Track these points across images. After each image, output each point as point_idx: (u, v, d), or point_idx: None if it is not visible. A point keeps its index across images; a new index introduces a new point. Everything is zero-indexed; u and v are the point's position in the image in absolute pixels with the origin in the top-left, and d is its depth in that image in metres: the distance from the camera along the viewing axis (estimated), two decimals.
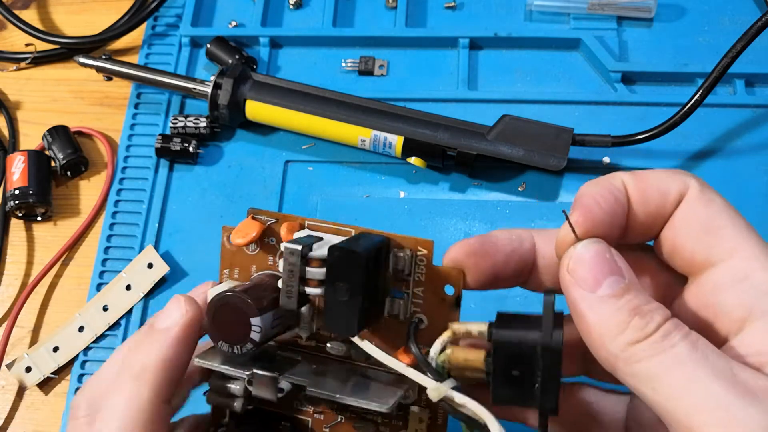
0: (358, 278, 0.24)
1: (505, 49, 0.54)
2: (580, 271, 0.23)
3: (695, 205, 0.24)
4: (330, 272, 0.25)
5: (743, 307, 0.23)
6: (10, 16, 0.58)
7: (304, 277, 0.25)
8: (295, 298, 0.25)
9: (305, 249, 0.25)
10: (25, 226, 0.52)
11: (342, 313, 0.25)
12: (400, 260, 0.29)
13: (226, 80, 0.50)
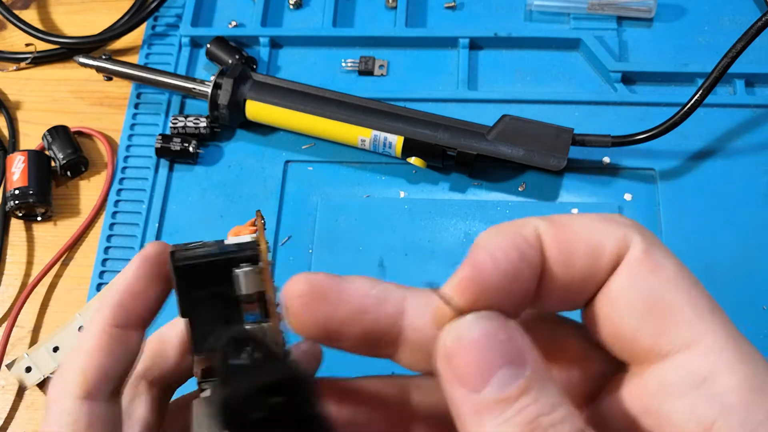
0: (179, 294, 0.22)
1: (505, 49, 0.54)
2: (460, 361, 0.17)
3: (639, 272, 0.18)
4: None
5: (699, 424, 0.17)
6: (10, 16, 0.58)
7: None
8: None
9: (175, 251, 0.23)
10: (25, 226, 0.52)
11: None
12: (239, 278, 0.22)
13: (226, 80, 0.50)
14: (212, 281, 0.22)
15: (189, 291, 0.22)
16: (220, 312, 0.22)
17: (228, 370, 0.19)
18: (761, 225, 0.47)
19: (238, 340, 0.20)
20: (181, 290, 0.22)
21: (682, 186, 0.48)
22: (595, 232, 0.19)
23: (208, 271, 0.22)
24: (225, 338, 0.20)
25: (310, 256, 0.48)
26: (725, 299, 0.46)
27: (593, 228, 0.19)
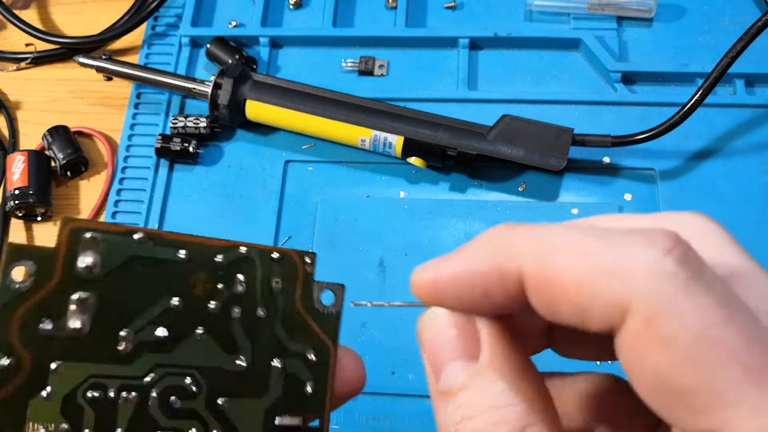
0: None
1: (505, 49, 0.54)
2: (424, 350, 0.18)
3: (637, 349, 0.15)
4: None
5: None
6: (10, 16, 0.58)
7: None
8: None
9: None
10: (25, 226, 0.52)
11: None
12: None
13: (226, 80, 0.50)
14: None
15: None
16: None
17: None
18: (761, 225, 0.47)
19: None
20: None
21: (682, 186, 0.48)
22: (585, 292, 0.15)
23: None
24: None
25: None
26: None
27: (586, 285, 0.15)
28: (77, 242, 0.20)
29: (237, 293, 0.22)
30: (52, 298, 0.19)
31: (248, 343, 0.22)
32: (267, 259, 0.22)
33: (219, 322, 0.22)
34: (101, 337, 0.20)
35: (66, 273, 0.20)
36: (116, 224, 0.21)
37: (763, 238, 0.46)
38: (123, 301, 0.20)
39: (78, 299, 0.20)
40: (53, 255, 0.20)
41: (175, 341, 0.21)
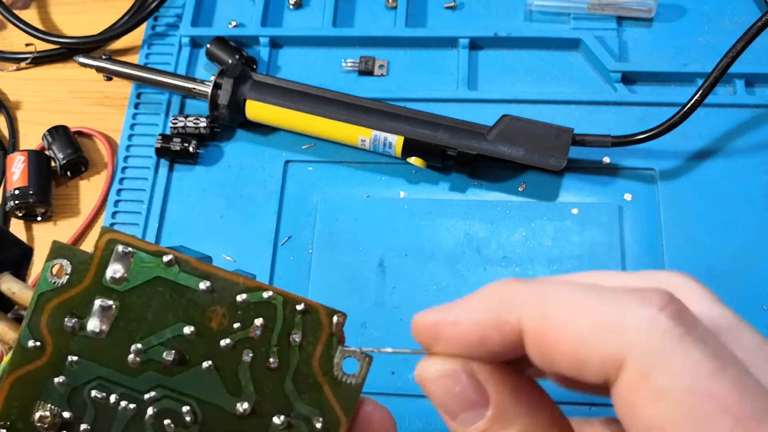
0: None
1: (505, 49, 0.54)
2: (436, 395, 0.19)
3: (631, 401, 0.15)
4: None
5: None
6: (10, 16, 0.58)
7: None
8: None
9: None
10: (25, 226, 0.52)
11: None
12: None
13: (226, 80, 0.50)
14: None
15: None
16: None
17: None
18: (761, 225, 0.47)
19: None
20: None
21: (682, 186, 0.48)
22: (583, 346, 0.16)
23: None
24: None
25: (310, 256, 0.48)
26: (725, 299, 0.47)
27: (583, 339, 0.16)
28: (110, 252, 0.22)
29: (252, 337, 0.22)
30: (80, 298, 0.21)
31: (252, 389, 0.22)
32: (291, 309, 0.22)
33: (228, 360, 0.22)
34: (114, 345, 0.21)
35: (95, 279, 0.21)
36: (149, 243, 0.22)
37: (763, 238, 0.46)
38: (140, 317, 0.21)
39: (101, 305, 0.21)
40: (88, 260, 0.21)
41: (181, 367, 0.21)
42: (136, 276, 0.21)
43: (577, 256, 0.46)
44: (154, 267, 0.22)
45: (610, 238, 0.47)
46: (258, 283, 0.22)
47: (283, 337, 0.22)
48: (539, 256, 0.47)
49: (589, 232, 0.47)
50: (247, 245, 0.49)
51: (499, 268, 0.46)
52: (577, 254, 0.46)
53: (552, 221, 0.48)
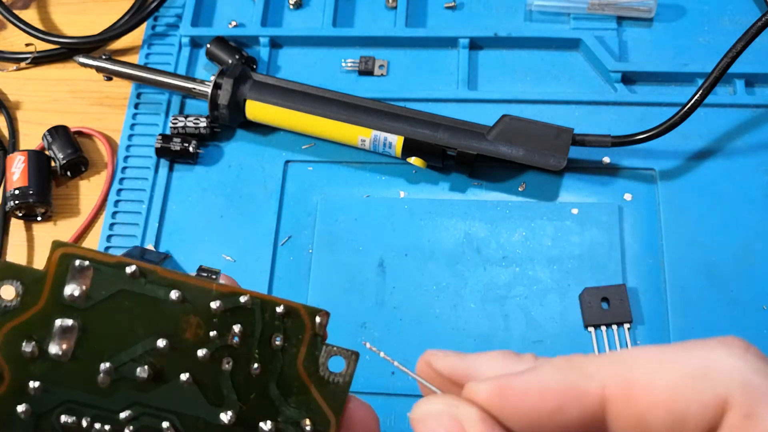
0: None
1: (505, 49, 0.54)
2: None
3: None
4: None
5: None
6: (10, 16, 0.58)
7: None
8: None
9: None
10: (25, 226, 0.52)
11: None
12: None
13: (226, 80, 0.50)
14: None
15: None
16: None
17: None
18: (761, 225, 0.47)
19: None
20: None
21: (682, 186, 0.48)
22: (680, 396, 0.15)
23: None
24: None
25: (310, 256, 0.48)
26: (725, 299, 0.47)
27: (679, 389, 0.15)
28: (66, 268, 0.20)
29: (230, 344, 0.21)
30: (36, 321, 0.20)
31: (236, 398, 0.21)
32: (270, 312, 0.21)
33: (207, 371, 0.21)
34: (81, 366, 0.20)
35: (52, 298, 0.20)
36: (109, 254, 0.20)
37: (763, 238, 0.46)
38: (107, 334, 0.20)
39: (61, 326, 0.20)
40: (41, 279, 0.20)
41: (157, 383, 0.20)
42: (97, 291, 0.20)
43: (577, 256, 0.46)
44: (117, 280, 0.20)
45: (610, 238, 0.47)
46: (232, 288, 0.21)
47: (265, 342, 0.21)
48: (539, 256, 0.47)
49: (589, 232, 0.47)
50: (247, 245, 0.49)
51: (499, 268, 0.46)
52: (577, 254, 0.46)
53: (552, 221, 0.48)
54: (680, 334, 0.44)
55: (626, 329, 0.44)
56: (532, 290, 0.46)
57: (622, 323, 0.44)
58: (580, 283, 0.45)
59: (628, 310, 0.44)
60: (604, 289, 0.44)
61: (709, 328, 0.44)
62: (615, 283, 0.45)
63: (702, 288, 0.45)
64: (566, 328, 0.44)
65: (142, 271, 0.20)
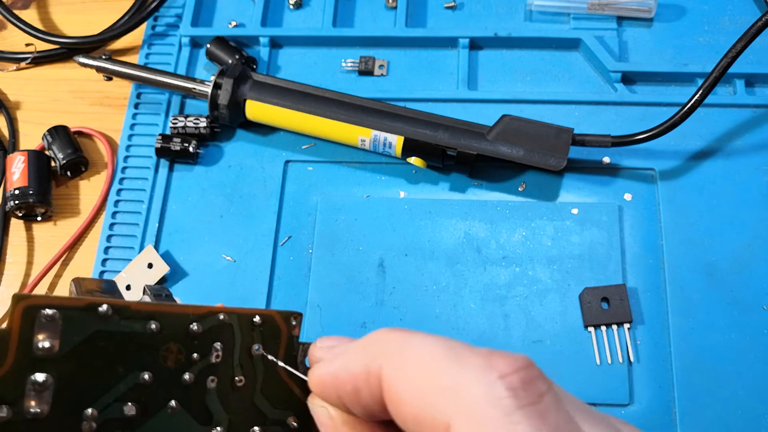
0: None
1: (505, 49, 0.54)
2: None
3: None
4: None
5: None
6: (10, 16, 0.58)
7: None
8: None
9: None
10: (25, 226, 0.52)
11: None
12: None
13: (226, 80, 0.50)
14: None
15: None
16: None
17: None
18: (761, 225, 0.47)
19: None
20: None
21: (682, 186, 0.48)
22: (417, 404, 0.16)
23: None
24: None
25: (310, 256, 0.48)
26: (725, 299, 0.47)
27: (418, 398, 0.16)
28: (32, 322, 0.18)
29: (213, 363, 0.21)
30: (6, 382, 0.18)
31: (224, 413, 0.21)
32: (247, 324, 0.21)
33: (193, 393, 0.20)
34: (62, 419, 0.18)
35: (20, 355, 0.18)
36: (76, 298, 0.19)
37: (763, 238, 0.46)
38: (86, 379, 0.19)
39: (35, 382, 0.18)
40: (5, 337, 0.18)
41: (145, 416, 0.20)
42: (70, 338, 0.18)
43: (577, 256, 0.46)
44: (89, 322, 0.19)
45: (610, 238, 0.47)
46: (208, 308, 0.21)
47: (245, 353, 0.21)
48: (539, 256, 0.47)
49: (589, 232, 0.47)
50: (247, 245, 0.49)
51: (499, 268, 0.46)
52: (577, 254, 0.46)
53: (552, 221, 0.48)
54: (680, 334, 0.44)
55: (626, 329, 0.44)
56: (532, 290, 0.46)
57: (622, 323, 0.44)
58: (580, 283, 0.45)
59: (628, 310, 0.44)
60: (604, 289, 0.44)
61: (709, 328, 0.44)
62: (615, 283, 0.45)
63: (702, 288, 0.45)
64: (566, 328, 0.44)
65: (115, 309, 0.19)
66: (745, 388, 0.42)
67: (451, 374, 0.15)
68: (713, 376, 0.42)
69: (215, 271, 0.48)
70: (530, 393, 0.15)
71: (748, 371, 0.42)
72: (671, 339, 0.44)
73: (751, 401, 0.42)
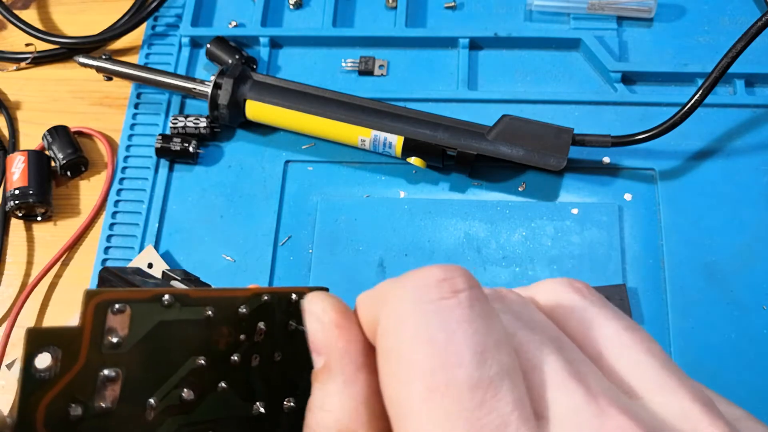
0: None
1: (505, 49, 0.54)
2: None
3: (378, 362, 0.17)
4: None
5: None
6: (10, 16, 0.58)
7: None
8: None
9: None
10: (25, 226, 0.52)
11: None
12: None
13: (226, 80, 0.50)
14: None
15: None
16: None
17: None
18: (761, 225, 0.47)
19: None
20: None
21: (682, 186, 0.48)
22: (363, 315, 0.18)
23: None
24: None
25: (310, 256, 0.48)
26: (725, 299, 0.47)
27: (362, 310, 0.18)
28: (103, 318, 0.18)
29: (256, 342, 0.21)
30: (78, 380, 0.18)
31: (265, 389, 0.21)
32: (284, 302, 0.22)
33: (240, 373, 0.21)
34: (128, 409, 0.19)
35: (92, 352, 0.18)
36: (142, 290, 0.19)
37: (763, 238, 0.46)
38: (149, 369, 0.19)
39: (105, 377, 0.18)
40: (78, 335, 0.18)
41: (200, 399, 0.20)
42: (137, 331, 0.19)
43: (577, 256, 0.46)
44: (153, 313, 0.19)
45: (610, 238, 0.47)
46: (254, 290, 0.22)
47: (282, 329, 0.22)
48: (539, 256, 0.47)
49: (589, 232, 0.47)
50: (247, 245, 0.49)
51: (499, 268, 0.46)
52: (577, 254, 0.46)
53: (552, 221, 0.48)
54: (680, 334, 0.44)
55: None
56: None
57: None
58: None
59: (628, 310, 0.44)
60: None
61: (709, 328, 0.44)
62: (615, 283, 0.45)
63: (702, 288, 0.45)
64: None
65: (177, 298, 0.20)
66: (745, 388, 0.42)
67: (389, 286, 0.17)
68: (713, 376, 0.42)
69: (215, 271, 0.48)
70: (443, 290, 0.16)
71: (748, 371, 0.42)
72: (671, 339, 0.44)
73: (752, 401, 0.42)
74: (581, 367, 0.16)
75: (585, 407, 0.15)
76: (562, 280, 0.19)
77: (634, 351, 0.17)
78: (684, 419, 0.15)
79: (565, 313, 0.18)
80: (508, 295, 0.18)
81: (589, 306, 0.18)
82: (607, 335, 0.17)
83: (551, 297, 0.19)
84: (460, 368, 0.15)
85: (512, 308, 0.18)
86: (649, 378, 0.16)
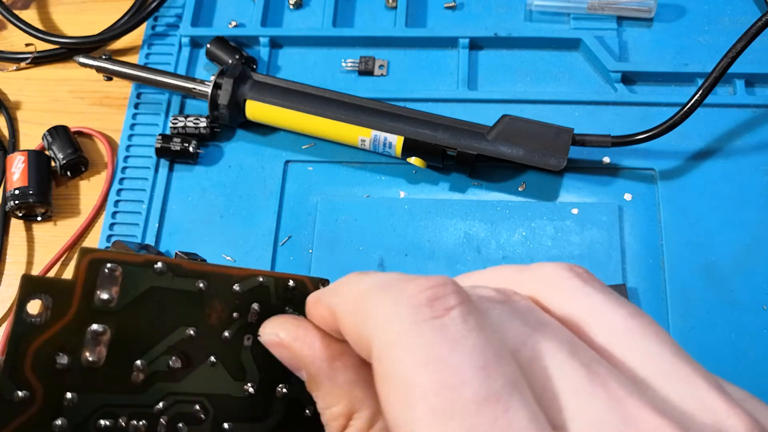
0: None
1: (505, 49, 0.54)
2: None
3: (376, 383, 0.17)
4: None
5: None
6: (10, 16, 0.58)
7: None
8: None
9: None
10: (25, 226, 0.52)
11: None
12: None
13: (226, 80, 0.50)
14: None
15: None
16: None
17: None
18: (761, 225, 0.47)
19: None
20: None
21: (682, 186, 0.48)
22: (348, 330, 0.18)
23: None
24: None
25: (310, 256, 0.48)
26: (725, 299, 0.47)
27: (345, 323, 0.18)
28: (95, 274, 0.19)
29: (250, 322, 0.22)
30: (67, 331, 0.19)
31: (256, 369, 0.22)
32: (282, 288, 0.23)
33: (230, 350, 0.22)
34: (115, 368, 0.20)
35: (83, 306, 0.19)
36: (136, 254, 0.20)
37: (763, 238, 0.46)
38: (139, 332, 0.20)
39: (94, 332, 0.19)
40: (70, 288, 0.19)
41: (187, 369, 0.21)
42: (127, 292, 0.20)
43: (577, 256, 0.46)
44: (146, 278, 0.20)
45: (610, 238, 0.47)
46: (250, 271, 0.22)
47: (278, 313, 0.22)
48: (539, 256, 0.47)
49: (589, 232, 0.47)
50: (247, 245, 0.49)
51: None
52: (577, 254, 0.46)
53: (552, 221, 0.48)
54: (680, 334, 0.44)
55: None
56: None
57: None
58: None
59: None
60: None
61: (709, 328, 0.44)
62: (615, 283, 0.45)
63: (702, 288, 0.45)
64: None
65: (170, 267, 0.20)
66: (745, 388, 0.42)
67: (374, 299, 0.17)
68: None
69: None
70: (435, 308, 0.16)
71: (748, 371, 0.42)
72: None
73: None
74: (599, 369, 0.15)
75: (609, 413, 0.14)
76: (563, 265, 0.19)
77: (644, 339, 0.16)
78: (704, 410, 0.15)
79: (568, 300, 0.18)
80: (513, 296, 0.18)
81: (592, 292, 0.18)
82: (614, 323, 0.17)
83: (552, 282, 0.18)
84: (464, 386, 0.14)
85: (520, 313, 0.17)
86: (662, 367, 0.16)
